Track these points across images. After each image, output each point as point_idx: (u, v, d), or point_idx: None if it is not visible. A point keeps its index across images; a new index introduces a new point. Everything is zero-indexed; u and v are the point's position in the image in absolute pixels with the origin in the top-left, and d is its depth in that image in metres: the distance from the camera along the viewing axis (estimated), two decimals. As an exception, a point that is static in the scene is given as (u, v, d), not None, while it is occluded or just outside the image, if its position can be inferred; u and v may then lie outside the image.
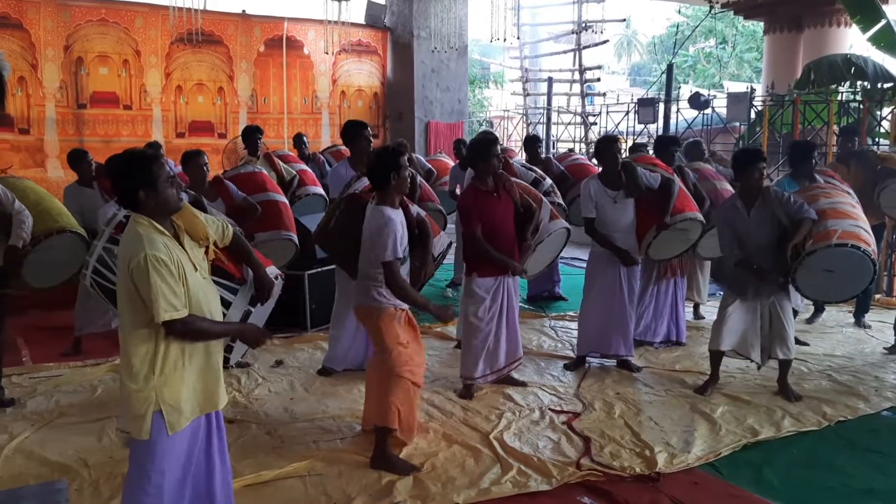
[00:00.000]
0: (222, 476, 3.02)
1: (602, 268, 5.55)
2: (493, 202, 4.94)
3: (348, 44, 11.49)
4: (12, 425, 4.56)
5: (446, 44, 11.71)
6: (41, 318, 6.82)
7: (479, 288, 5.02)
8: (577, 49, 16.13)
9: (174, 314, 2.66)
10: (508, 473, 3.93)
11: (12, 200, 4.67)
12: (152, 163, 2.75)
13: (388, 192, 3.97)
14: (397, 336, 4.03)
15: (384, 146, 4.46)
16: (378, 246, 3.85)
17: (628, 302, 5.56)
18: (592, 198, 5.39)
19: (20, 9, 9.11)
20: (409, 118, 11.83)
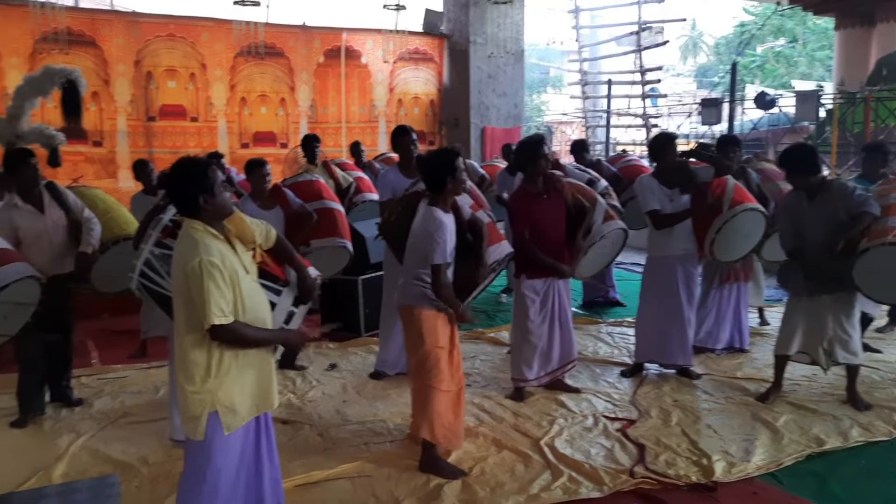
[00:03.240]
0: (271, 475, 3.07)
1: (660, 273, 5.42)
2: (542, 204, 4.90)
3: (405, 52, 11.60)
4: (79, 424, 4.75)
5: (503, 49, 11.69)
6: (110, 322, 7.09)
7: (529, 290, 4.99)
8: (637, 50, 15.90)
9: (222, 320, 2.71)
10: (559, 480, 3.88)
11: (82, 208, 4.90)
12: (207, 169, 2.84)
13: (442, 195, 3.97)
14: (437, 339, 4.00)
15: (440, 148, 4.47)
16: (428, 248, 3.85)
17: (687, 307, 5.40)
18: (652, 190, 5.24)
19: (94, 26, 9.52)
20: (464, 124, 11.85)
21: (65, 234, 4.81)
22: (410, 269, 4.02)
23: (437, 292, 3.90)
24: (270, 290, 3.22)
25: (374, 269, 6.58)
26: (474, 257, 4.22)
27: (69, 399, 5.10)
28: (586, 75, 17.37)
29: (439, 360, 4.00)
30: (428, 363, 3.99)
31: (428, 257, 3.86)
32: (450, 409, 4.07)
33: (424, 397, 4.01)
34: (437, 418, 3.99)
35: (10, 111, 6.28)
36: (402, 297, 4.10)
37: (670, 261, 5.34)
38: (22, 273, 4.01)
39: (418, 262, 3.94)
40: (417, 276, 3.96)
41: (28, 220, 4.67)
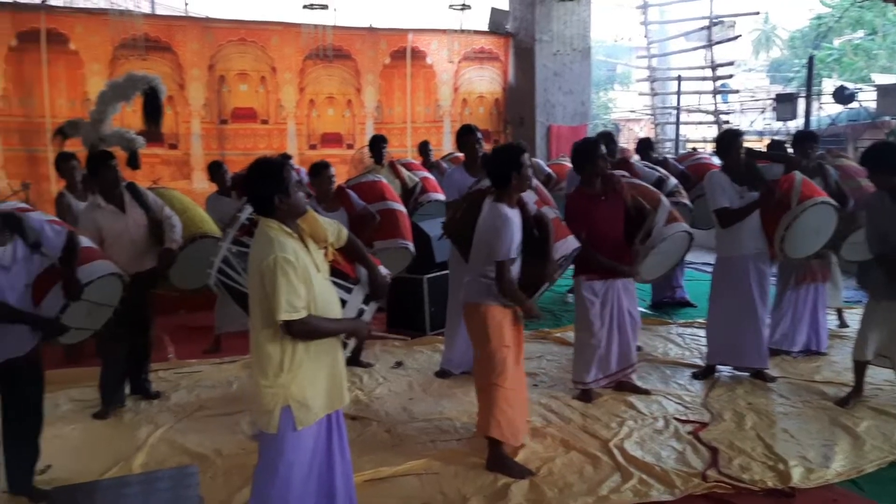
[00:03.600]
0: (343, 469, 3.12)
1: (730, 273, 5.27)
2: (600, 205, 4.84)
3: (470, 51, 11.62)
4: (158, 416, 4.92)
5: (569, 46, 11.58)
6: (186, 318, 7.32)
7: (588, 291, 4.94)
8: (708, 45, 15.51)
9: (293, 315, 2.77)
10: (629, 482, 3.83)
11: (162, 207, 5.08)
12: (282, 169, 2.90)
13: (507, 191, 3.96)
14: (503, 337, 3.98)
15: (506, 143, 4.45)
16: (493, 244, 3.85)
17: (761, 308, 5.25)
18: (722, 187, 5.11)
19: (169, 33, 9.85)
20: (530, 123, 11.78)
21: (145, 233, 4.98)
22: (476, 266, 4.02)
23: (501, 289, 3.89)
24: (341, 288, 3.28)
25: (439, 268, 6.62)
26: (541, 253, 4.20)
27: (148, 392, 5.28)
28: (655, 71, 17.04)
29: (505, 359, 3.99)
30: (493, 361, 3.98)
31: (492, 253, 3.85)
32: (511, 405, 4.05)
33: (489, 395, 4.00)
34: (503, 416, 3.98)
35: (93, 115, 6.55)
36: (468, 293, 4.11)
37: (741, 260, 5.20)
38: (105, 270, 4.15)
39: (484, 258, 3.94)
40: (483, 272, 3.95)
41: (110, 219, 4.85)
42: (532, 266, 4.14)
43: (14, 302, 3.50)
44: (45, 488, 3.80)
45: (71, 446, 4.45)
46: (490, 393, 3.99)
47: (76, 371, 5.63)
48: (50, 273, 3.76)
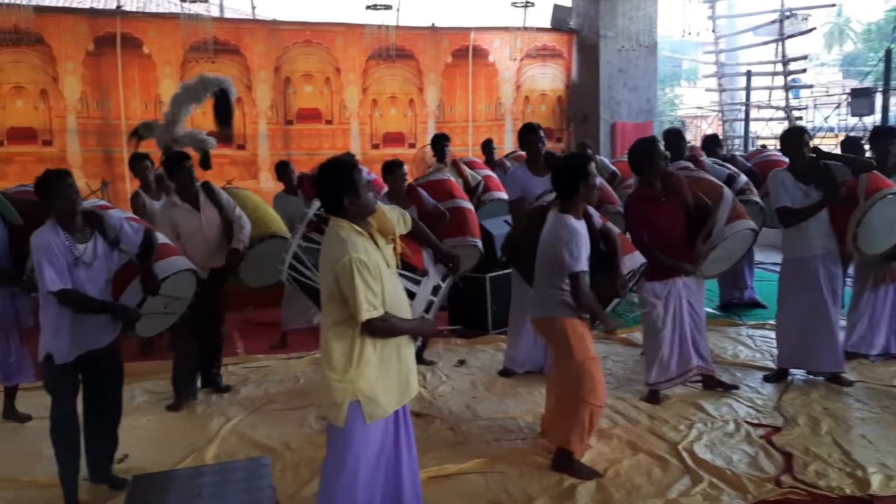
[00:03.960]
0: (409, 465, 3.15)
1: (799, 275, 5.11)
2: (661, 206, 4.74)
3: (533, 49, 11.55)
4: (228, 409, 5.05)
5: (635, 42, 11.40)
6: (254, 314, 7.49)
7: (649, 292, 4.85)
8: (779, 39, 15.04)
9: (374, 313, 2.82)
10: (699, 486, 3.76)
11: (234, 207, 5.22)
12: (353, 170, 2.94)
13: (574, 202, 3.89)
14: (587, 349, 3.91)
15: (573, 152, 4.39)
16: (563, 257, 3.76)
17: (831, 310, 5.06)
18: (784, 184, 4.97)
19: (238, 36, 10.09)
20: (594, 120, 11.64)
21: (218, 231, 5.13)
22: (544, 280, 3.94)
23: (577, 301, 3.81)
24: (410, 281, 3.31)
25: (501, 266, 6.59)
26: (609, 268, 4.12)
27: (218, 385, 5.43)
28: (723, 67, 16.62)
29: (594, 374, 3.91)
30: (581, 376, 3.89)
31: (565, 266, 3.77)
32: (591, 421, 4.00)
33: (577, 411, 3.91)
34: (584, 433, 3.94)
35: (167, 117, 6.76)
36: (540, 308, 4.02)
37: (810, 261, 5.03)
38: (181, 266, 4.28)
39: (552, 271, 3.86)
40: (555, 284, 3.86)
41: (185, 217, 5.02)
42: (600, 281, 4.06)
43: (95, 296, 3.64)
44: (123, 477, 3.95)
45: (146, 436, 4.61)
46: (578, 409, 3.91)
47: (150, 364, 5.82)
48: (128, 269, 3.90)
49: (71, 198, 3.57)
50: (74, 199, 3.59)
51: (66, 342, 3.58)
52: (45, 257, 3.47)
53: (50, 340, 3.58)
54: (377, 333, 2.89)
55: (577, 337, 3.90)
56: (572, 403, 3.95)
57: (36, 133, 9.27)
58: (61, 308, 3.54)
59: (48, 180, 3.58)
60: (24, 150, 9.21)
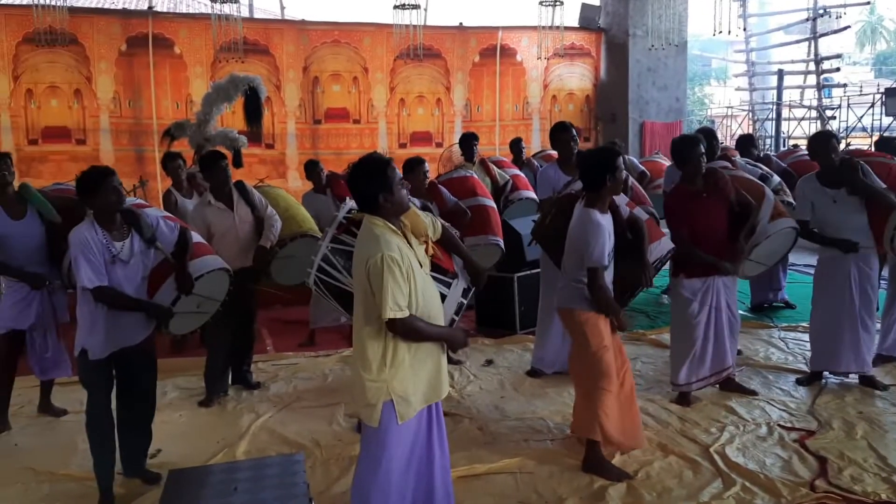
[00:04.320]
0: (441, 463, 3.15)
1: (832, 275, 5.03)
2: (702, 203, 4.69)
3: (561, 48, 11.50)
4: (258, 406, 5.09)
5: (664, 41, 11.33)
6: (282, 312, 7.54)
7: (686, 290, 4.80)
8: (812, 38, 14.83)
9: (397, 314, 2.80)
10: (731, 489, 3.71)
11: (265, 206, 5.25)
12: (387, 168, 2.93)
13: (600, 195, 3.89)
14: (602, 339, 3.93)
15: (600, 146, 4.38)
16: (584, 250, 3.79)
17: (865, 312, 4.99)
18: (807, 197, 4.94)
19: (267, 36, 10.19)
20: (622, 119, 11.58)
21: (250, 230, 5.17)
22: (569, 272, 3.97)
23: (592, 296, 3.84)
24: (441, 283, 3.31)
25: (529, 266, 6.58)
26: (636, 257, 4.11)
27: (249, 382, 5.47)
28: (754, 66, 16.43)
29: (608, 362, 3.92)
30: (596, 365, 3.92)
31: (584, 260, 3.80)
32: (620, 408, 3.99)
33: (592, 398, 3.94)
34: (606, 419, 3.92)
35: (199, 117, 6.83)
36: (562, 299, 4.06)
37: (843, 261, 4.95)
38: (215, 265, 4.32)
39: (576, 263, 3.89)
40: (576, 277, 3.90)
41: (219, 216, 5.06)
42: (627, 270, 4.07)
43: (131, 294, 3.67)
44: (156, 471, 4.00)
45: (178, 432, 4.65)
46: (595, 395, 3.93)
47: (182, 360, 5.88)
48: (163, 267, 3.94)
49: (114, 197, 3.60)
50: (118, 200, 3.63)
51: (101, 338, 3.62)
52: (82, 254, 3.50)
53: (85, 336, 3.62)
54: (400, 334, 2.88)
55: (592, 327, 3.92)
56: (588, 391, 3.98)
57: (70, 132, 9.46)
58: (97, 304, 3.58)
59: (92, 178, 3.60)
60: (58, 148, 9.40)
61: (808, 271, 8.55)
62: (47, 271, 4.60)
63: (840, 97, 15.35)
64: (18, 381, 4.82)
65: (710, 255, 4.67)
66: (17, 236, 4.49)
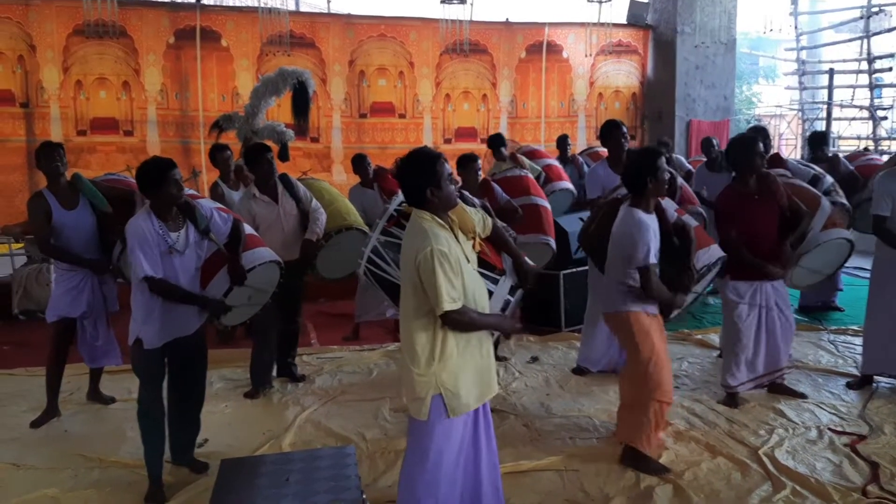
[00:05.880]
0: (489, 459, 3.15)
1: (891, 276, 4.92)
2: (754, 205, 4.62)
3: (608, 45, 11.38)
4: (303, 398, 5.14)
5: (712, 38, 11.13)
6: (327, 305, 7.60)
7: (734, 292, 4.74)
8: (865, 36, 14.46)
9: (453, 305, 2.80)
10: (781, 493, 3.66)
11: (310, 199, 5.28)
12: (436, 162, 2.93)
13: (643, 196, 3.86)
14: (653, 343, 3.88)
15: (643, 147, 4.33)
16: (631, 250, 3.74)
17: None
18: (889, 194, 4.79)
19: (313, 29, 10.24)
20: (669, 118, 11.41)
21: (295, 223, 5.20)
22: (613, 274, 3.93)
23: (648, 294, 3.79)
24: (488, 279, 3.30)
25: (576, 264, 6.54)
26: (682, 262, 4.05)
27: (293, 375, 5.52)
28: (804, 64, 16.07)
29: (661, 369, 3.88)
30: (649, 372, 3.87)
31: (633, 259, 3.75)
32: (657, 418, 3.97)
33: (645, 408, 3.91)
34: (654, 431, 3.91)
35: (247, 109, 6.89)
36: (607, 303, 4.03)
37: None
38: (267, 258, 4.36)
39: (621, 265, 3.84)
40: (623, 278, 3.85)
41: (264, 209, 5.10)
42: (672, 275, 4.00)
43: (185, 284, 3.72)
44: (203, 460, 4.07)
45: (224, 422, 4.72)
46: (646, 406, 3.90)
47: (228, 352, 5.95)
48: (216, 258, 3.99)
49: (175, 190, 3.64)
50: (179, 192, 3.67)
51: (155, 328, 3.67)
52: (139, 245, 3.55)
53: (140, 326, 3.68)
54: (455, 326, 2.88)
55: (642, 332, 3.87)
56: (639, 400, 3.94)
57: (118, 123, 9.60)
58: (152, 295, 3.63)
59: (155, 171, 3.63)
60: (106, 139, 9.55)
61: (857, 274, 8.36)
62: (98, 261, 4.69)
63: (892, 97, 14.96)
64: (68, 369, 4.92)
65: (759, 258, 4.60)
66: (70, 226, 4.58)
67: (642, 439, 3.91)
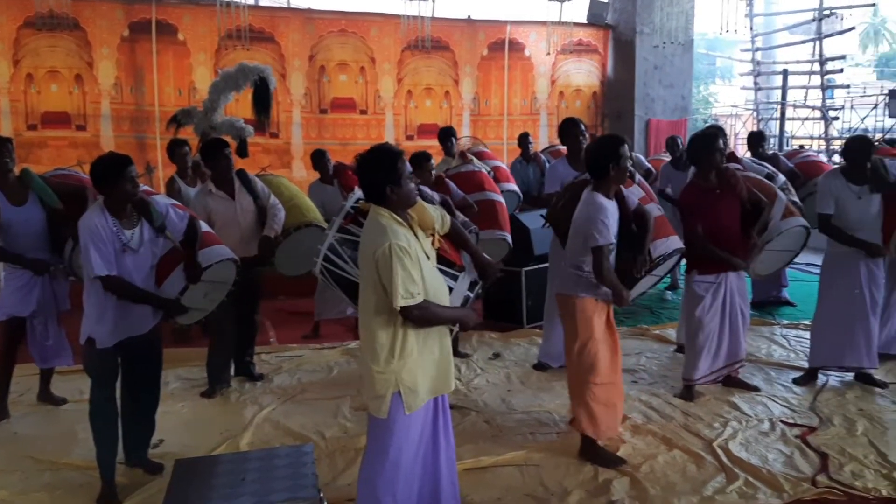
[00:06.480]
0: (447, 455, 3.15)
1: (839, 272, 5.05)
2: (716, 199, 4.72)
3: (569, 43, 11.47)
4: (262, 398, 5.08)
5: (671, 39, 11.29)
6: (287, 303, 7.52)
7: (699, 286, 4.82)
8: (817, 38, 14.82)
9: (409, 301, 2.79)
10: (734, 484, 3.74)
11: (269, 195, 5.21)
12: (397, 160, 2.92)
13: (605, 182, 3.92)
14: (592, 330, 3.95)
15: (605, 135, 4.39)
16: (588, 231, 3.81)
17: (870, 309, 5.00)
18: (832, 192, 4.94)
19: (273, 23, 10.13)
20: (628, 117, 11.56)
21: (253, 220, 5.12)
22: (571, 256, 4.00)
23: (598, 276, 3.85)
24: (448, 276, 3.31)
25: (537, 260, 6.58)
26: (637, 248, 4.11)
27: (251, 374, 5.45)
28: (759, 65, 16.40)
29: (596, 353, 3.95)
30: (583, 357, 3.96)
31: (588, 240, 3.81)
32: (604, 399, 4.02)
33: (581, 392, 4.00)
34: (597, 414, 3.97)
35: (206, 104, 6.79)
36: (561, 285, 4.11)
37: (852, 256, 4.97)
38: (223, 255, 4.29)
39: (579, 248, 3.91)
40: (577, 263, 3.92)
41: (221, 205, 5.02)
42: (627, 262, 4.08)
43: (140, 283, 3.65)
44: (158, 461, 3.99)
45: (181, 423, 4.64)
46: (583, 390, 3.99)
47: (184, 351, 5.85)
48: (172, 256, 3.90)
49: (130, 187, 3.55)
50: (134, 190, 3.58)
51: (109, 327, 3.59)
52: (92, 242, 3.47)
53: (93, 325, 3.60)
54: (418, 321, 2.87)
55: (584, 318, 3.94)
56: (576, 385, 4.02)
57: (70, 118, 9.40)
58: (106, 293, 3.55)
59: (110, 167, 3.54)
60: (57, 134, 9.34)
61: (809, 270, 8.56)
62: (48, 258, 4.56)
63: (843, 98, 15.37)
64: (18, 369, 4.80)
65: (724, 252, 4.69)
66: (19, 222, 4.44)
67: (588, 425, 3.97)
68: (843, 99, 16.13)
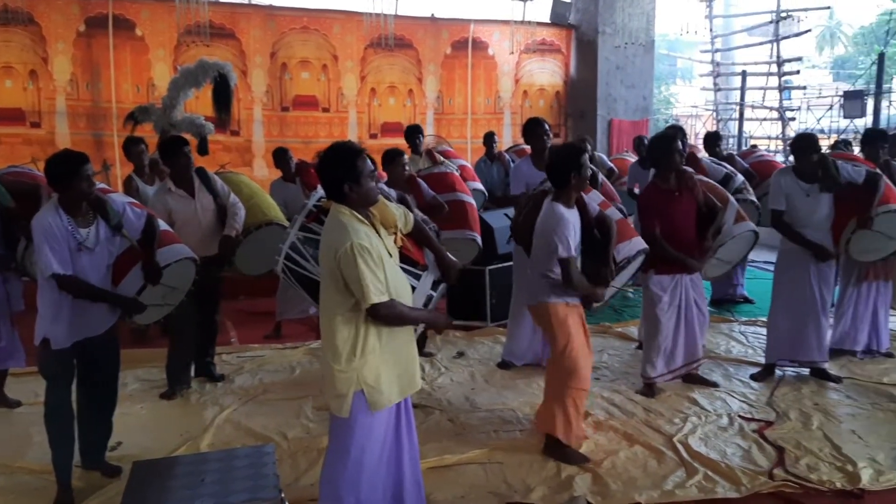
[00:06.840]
0: (410, 454, 3.15)
1: (791, 269, 5.18)
2: (674, 201, 4.79)
3: (532, 43, 11.54)
4: (222, 398, 5.02)
5: (632, 39, 11.42)
6: (247, 303, 7.43)
7: (656, 286, 4.89)
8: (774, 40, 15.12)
9: (381, 298, 2.78)
10: (693, 478, 3.80)
11: (228, 194, 5.14)
12: (357, 158, 2.89)
13: (566, 191, 3.95)
14: (570, 334, 3.98)
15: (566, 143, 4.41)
16: (552, 243, 3.83)
17: (820, 305, 5.12)
18: (783, 189, 5.05)
19: (233, 20, 10.00)
20: (591, 116, 11.67)
21: (213, 218, 5.05)
22: (538, 266, 4.01)
23: (568, 286, 3.88)
24: (410, 274, 3.29)
25: (501, 259, 6.60)
26: (602, 255, 4.15)
27: (212, 374, 5.37)
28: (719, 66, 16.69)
29: (576, 358, 3.97)
30: (565, 361, 3.97)
31: (554, 253, 3.83)
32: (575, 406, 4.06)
33: (562, 397, 4.01)
34: (571, 419, 4.00)
35: (165, 101, 6.68)
36: (531, 295, 4.11)
37: (804, 253, 5.08)
38: (182, 254, 4.22)
39: (544, 258, 3.92)
40: (544, 272, 3.93)
41: (180, 204, 4.94)
42: (592, 268, 4.11)
43: (96, 282, 3.58)
44: (115, 464, 3.92)
45: (139, 424, 4.57)
46: (563, 395, 4.00)
47: (142, 352, 5.75)
48: (129, 255, 3.83)
49: (86, 186, 3.49)
50: (90, 188, 3.51)
51: (64, 327, 3.53)
52: (46, 241, 3.40)
53: (48, 325, 3.52)
54: (385, 321, 2.86)
55: (559, 322, 3.97)
56: (557, 389, 4.04)
57: (24, 114, 9.17)
58: (61, 293, 3.48)
59: (66, 166, 3.47)
60: (11, 131, 9.11)
61: (766, 268, 8.73)
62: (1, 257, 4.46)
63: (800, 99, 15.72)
64: (-31, 373, 4.68)
65: (680, 253, 4.76)
66: None
67: (559, 428, 3.99)
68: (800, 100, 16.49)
